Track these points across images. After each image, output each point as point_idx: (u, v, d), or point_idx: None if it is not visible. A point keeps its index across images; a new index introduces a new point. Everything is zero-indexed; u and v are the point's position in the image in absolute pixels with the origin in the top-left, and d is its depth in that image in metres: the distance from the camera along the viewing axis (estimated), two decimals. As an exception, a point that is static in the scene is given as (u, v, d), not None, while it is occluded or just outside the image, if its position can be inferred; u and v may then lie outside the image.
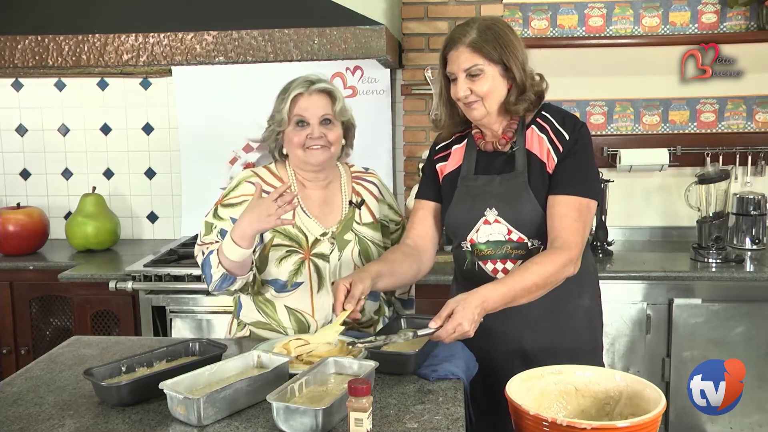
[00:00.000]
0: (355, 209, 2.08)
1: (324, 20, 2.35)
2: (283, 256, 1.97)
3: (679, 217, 3.44)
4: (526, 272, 1.70)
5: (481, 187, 1.87)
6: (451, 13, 3.25)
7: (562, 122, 1.86)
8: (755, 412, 2.90)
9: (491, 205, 1.84)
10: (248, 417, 1.47)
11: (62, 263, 3.22)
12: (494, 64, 1.78)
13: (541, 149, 1.84)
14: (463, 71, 1.79)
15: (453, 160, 1.96)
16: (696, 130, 3.43)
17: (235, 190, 2.02)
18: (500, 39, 1.77)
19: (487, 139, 1.90)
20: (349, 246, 2.02)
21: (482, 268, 1.87)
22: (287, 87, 2.01)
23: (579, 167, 1.82)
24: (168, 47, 2.35)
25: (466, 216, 1.87)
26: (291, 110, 1.98)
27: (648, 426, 1.34)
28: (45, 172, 3.74)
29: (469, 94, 1.80)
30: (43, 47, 2.35)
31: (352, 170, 2.17)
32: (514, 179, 1.84)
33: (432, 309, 2.75)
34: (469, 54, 1.78)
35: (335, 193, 2.10)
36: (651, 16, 3.37)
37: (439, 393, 1.58)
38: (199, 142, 3.55)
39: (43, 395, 1.61)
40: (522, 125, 1.87)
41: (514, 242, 1.83)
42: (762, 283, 2.85)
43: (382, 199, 2.16)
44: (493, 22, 1.81)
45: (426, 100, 3.33)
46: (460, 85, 1.80)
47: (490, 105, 1.82)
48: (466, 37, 1.78)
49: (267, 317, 2.02)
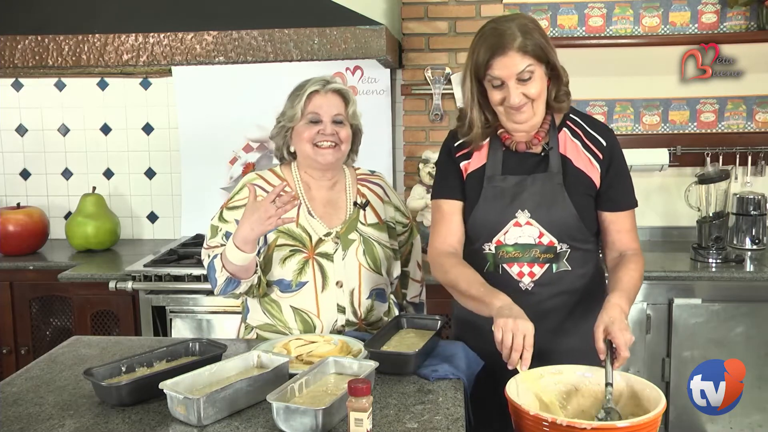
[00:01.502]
0: (360, 210, 2.08)
1: (324, 20, 2.35)
2: (287, 255, 1.97)
3: (679, 217, 3.44)
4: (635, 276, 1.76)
5: (512, 188, 1.81)
6: (451, 13, 3.25)
7: (593, 127, 1.86)
8: (755, 412, 2.90)
9: (524, 206, 1.80)
10: (248, 417, 1.47)
11: (62, 263, 3.22)
12: (542, 64, 1.74)
13: (578, 155, 1.82)
14: (514, 76, 1.72)
15: (476, 158, 1.87)
16: (696, 130, 3.43)
17: (239, 193, 2.03)
18: (543, 37, 1.74)
19: (517, 139, 1.83)
20: (354, 245, 2.02)
21: (507, 271, 1.82)
22: (302, 85, 2.02)
23: (625, 177, 1.86)
24: (168, 47, 2.35)
25: (496, 217, 1.82)
26: (306, 107, 1.99)
27: (648, 426, 1.34)
28: (45, 172, 3.74)
29: (523, 99, 1.74)
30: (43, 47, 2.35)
31: (357, 173, 2.17)
32: (549, 181, 1.80)
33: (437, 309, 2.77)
34: (521, 57, 1.70)
35: (340, 194, 2.09)
36: (651, 16, 3.37)
37: (439, 393, 1.58)
38: (199, 142, 3.55)
39: (43, 395, 1.61)
40: (553, 126, 1.84)
41: (544, 246, 1.80)
42: (762, 283, 2.85)
43: (388, 201, 2.16)
44: (528, 21, 1.76)
45: (426, 100, 3.33)
46: (513, 91, 1.72)
47: (538, 106, 1.77)
48: (514, 41, 1.70)
49: (273, 318, 2.01)
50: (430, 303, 2.86)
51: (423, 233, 3.14)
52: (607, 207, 1.84)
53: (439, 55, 3.30)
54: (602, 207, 1.84)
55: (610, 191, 1.83)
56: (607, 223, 1.85)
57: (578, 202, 1.80)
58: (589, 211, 1.83)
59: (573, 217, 1.79)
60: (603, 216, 1.85)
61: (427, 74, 3.29)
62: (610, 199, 1.84)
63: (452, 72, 3.28)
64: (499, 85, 1.74)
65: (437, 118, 3.32)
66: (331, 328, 1.99)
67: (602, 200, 1.84)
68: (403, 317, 1.92)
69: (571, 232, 1.80)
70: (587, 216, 1.82)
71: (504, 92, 1.74)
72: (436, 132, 3.33)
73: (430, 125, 3.34)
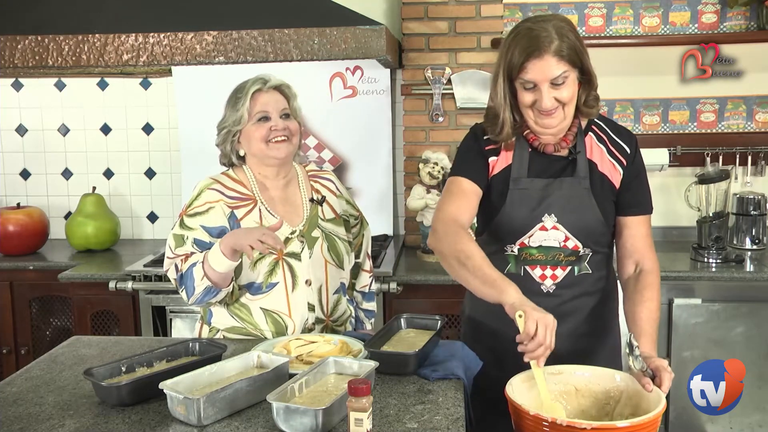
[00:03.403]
0: (318, 206, 2.11)
1: (324, 20, 2.35)
2: (257, 258, 1.97)
3: (679, 217, 3.44)
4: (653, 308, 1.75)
5: (539, 191, 1.79)
6: (451, 13, 3.25)
7: (617, 133, 1.86)
8: (755, 412, 2.90)
9: (551, 210, 1.78)
10: (248, 417, 1.47)
11: (62, 263, 3.22)
12: (575, 68, 1.71)
13: (602, 160, 1.82)
14: (549, 80, 1.69)
15: (502, 159, 1.84)
16: (696, 130, 3.43)
17: (198, 198, 2.02)
18: (579, 41, 1.71)
19: (544, 141, 1.80)
20: (318, 243, 2.05)
21: (529, 273, 1.81)
22: (242, 87, 2.04)
23: (643, 182, 1.85)
24: (168, 47, 2.35)
25: (522, 221, 1.79)
26: (252, 107, 2.01)
27: (648, 426, 1.34)
28: (45, 172, 3.74)
29: (555, 103, 1.71)
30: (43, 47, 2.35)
31: (307, 169, 2.20)
32: (577, 185, 1.79)
33: (434, 309, 2.78)
34: (557, 62, 1.67)
35: (295, 191, 2.12)
36: (651, 16, 3.37)
37: (439, 393, 1.58)
38: (199, 142, 3.54)
39: (43, 395, 1.61)
40: (580, 130, 1.83)
41: (569, 249, 1.79)
42: (762, 283, 2.85)
43: (340, 195, 2.20)
44: (564, 23, 1.72)
45: (426, 100, 3.33)
46: (545, 94, 1.69)
47: (569, 111, 1.74)
48: (551, 45, 1.66)
49: (242, 321, 2.02)
50: (430, 303, 2.88)
51: (423, 233, 3.15)
52: (623, 211, 1.84)
53: (439, 55, 3.30)
54: (619, 211, 1.84)
55: (627, 194, 1.83)
56: (622, 228, 1.85)
57: (604, 207, 1.80)
58: (612, 216, 1.84)
59: (599, 222, 1.79)
60: (618, 220, 1.85)
61: (427, 74, 3.29)
62: (627, 203, 1.83)
63: (452, 72, 3.28)
64: (531, 88, 1.71)
65: (437, 118, 3.32)
66: (302, 328, 2.00)
67: (619, 203, 1.83)
68: (402, 317, 1.92)
69: (595, 237, 1.80)
70: (610, 220, 1.83)
71: (536, 95, 1.71)
72: (436, 132, 3.33)
73: (430, 125, 3.34)
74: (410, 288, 2.89)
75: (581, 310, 1.84)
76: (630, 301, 1.78)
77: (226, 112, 2.06)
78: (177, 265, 1.94)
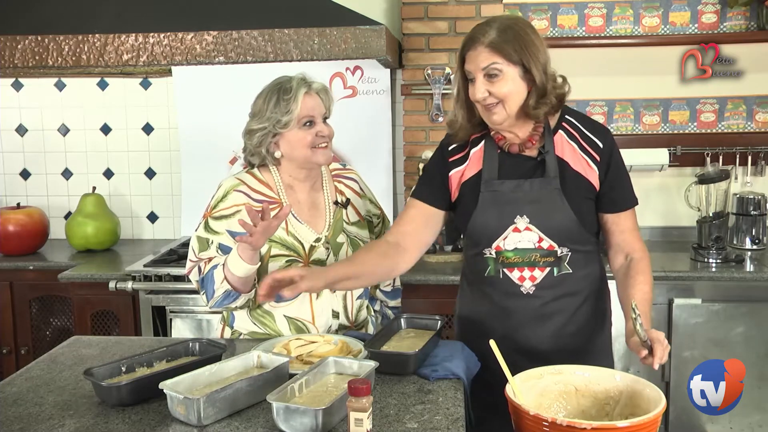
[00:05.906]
0: (342, 209, 2.07)
1: (324, 20, 2.36)
2: (283, 266, 1.93)
3: (679, 217, 3.44)
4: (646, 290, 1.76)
5: (509, 193, 1.80)
6: (451, 13, 3.25)
7: (591, 128, 1.84)
8: (755, 412, 2.90)
9: (522, 212, 1.79)
10: (248, 417, 1.47)
11: (62, 263, 3.22)
12: (513, 64, 1.71)
13: (575, 158, 1.81)
14: (481, 71, 1.73)
15: (472, 164, 1.86)
16: (696, 130, 3.43)
17: (224, 200, 1.96)
18: (520, 39, 1.71)
19: (509, 140, 1.82)
20: (343, 248, 2.02)
21: (507, 276, 1.82)
22: (286, 87, 1.94)
23: (624, 177, 1.85)
24: (168, 47, 2.35)
25: (494, 223, 1.81)
26: (300, 111, 1.92)
27: (648, 426, 1.34)
28: (45, 172, 3.74)
29: (488, 95, 1.73)
30: (43, 47, 2.35)
31: (330, 168, 2.13)
32: (546, 185, 1.78)
33: (433, 309, 2.77)
34: (488, 53, 1.71)
35: (319, 194, 2.06)
36: (651, 16, 3.37)
37: (439, 393, 1.58)
38: (199, 142, 3.56)
39: (43, 395, 1.61)
40: (548, 129, 1.82)
41: (544, 250, 1.79)
42: (762, 283, 2.85)
43: (364, 195, 2.15)
44: (513, 22, 1.75)
45: (426, 100, 3.33)
46: (478, 86, 1.74)
47: (510, 108, 1.75)
48: (485, 37, 1.71)
49: (265, 327, 2.00)
50: (430, 303, 2.88)
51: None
52: (609, 209, 1.84)
53: (439, 55, 3.29)
54: (603, 209, 1.84)
55: (611, 193, 1.82)
56: (610, 224, 1.86)
57: (577, 206, 1.79)
58: (588, 214, 1.82)
59: (572, 222, 1.79)
60: (605, 218, 1.85)
61: (427, 74, 3.29)
62: (611, 201, 1.83)
63: (452, 72, 3.28)
64: (472, 80, 1.77)
65: (437, 118, 3.32)
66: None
67: (603, 202, 1.83)
68: (402, 317, 1.92)
69: (571, 236, 1.80)
70: (587, 219, 1.82)
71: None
72: (436, 132, 3.33)
73: (430, 125, 3.34)
74: (410, 288, 2.88)
75: (565, 311, 1.83)
76: (623, 286, 1.81)
77: (271, 111, 1.92)
78: (200, 268, 1.91)
